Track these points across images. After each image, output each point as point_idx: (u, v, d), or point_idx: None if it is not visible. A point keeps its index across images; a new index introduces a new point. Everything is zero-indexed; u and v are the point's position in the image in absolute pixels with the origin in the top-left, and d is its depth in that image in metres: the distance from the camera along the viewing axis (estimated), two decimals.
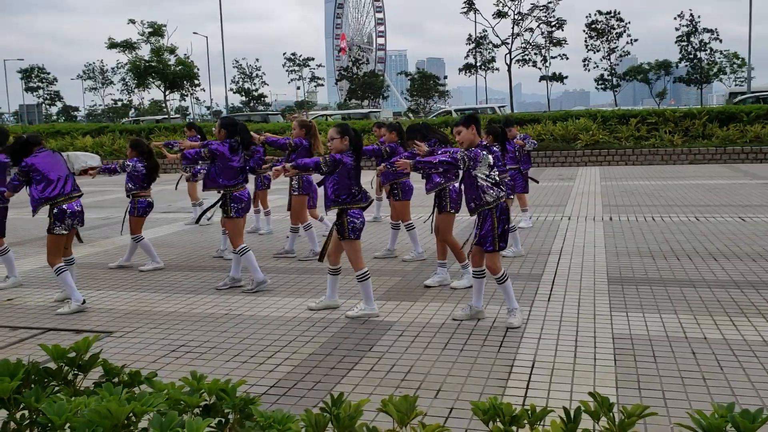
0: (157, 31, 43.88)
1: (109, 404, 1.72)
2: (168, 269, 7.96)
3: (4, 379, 1.98)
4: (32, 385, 2.08)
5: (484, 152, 5.45)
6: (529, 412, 1.79)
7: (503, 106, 38.41)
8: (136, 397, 1.86)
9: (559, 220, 10.79)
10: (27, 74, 68.33)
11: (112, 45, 44.70)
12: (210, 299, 6.50)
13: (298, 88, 78.15)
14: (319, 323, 5.64)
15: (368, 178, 9.61)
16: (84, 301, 6.25)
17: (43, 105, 66.42)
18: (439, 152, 6.23)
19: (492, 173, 5.44)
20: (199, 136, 10.20)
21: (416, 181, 7.93)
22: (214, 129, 7.20)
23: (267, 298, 6.49)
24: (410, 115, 53.90)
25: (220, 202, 6.94)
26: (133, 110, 75.18)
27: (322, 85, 77.92)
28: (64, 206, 6.35)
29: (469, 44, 57.16)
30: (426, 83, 64.55)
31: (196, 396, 2.04)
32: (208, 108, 77.69)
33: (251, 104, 66.67)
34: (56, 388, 2.13)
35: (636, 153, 22.07)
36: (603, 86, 57.44)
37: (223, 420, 2.04)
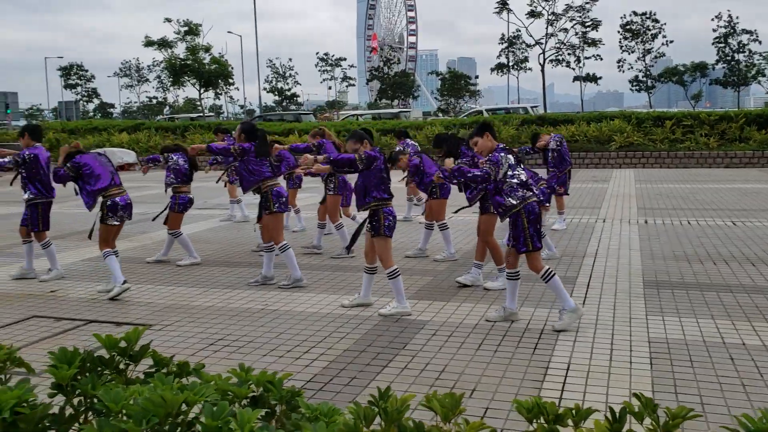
0: (192, 29, 44.46)
1: (163, 393, 1.78)
2: (204, 264, 8.09)
3: (63, 366, 2.06)
4: (87, 373, 2.16)
5: (502, 153, 5.46)
6: (573, 411, 1.81)
7: (536, 107, 38.11)
8: (188, 387, 1.92)
9: (593, 222, 10.71)
10: (66, 72, 69.76)
11: (149, 43, 45.40)
12: (246, 294, 6.60)
13: (330, 87, 78.54)
14: (353, 320, 5.69)
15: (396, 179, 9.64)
16: (125, 282, 6.59)
17: (81, 102, 67.77)
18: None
19: (516, 173, 5.44)
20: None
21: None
22: (233, 132, 7.38)
23: (302, 294, 6.56)
24: (440, 114, 53.84)
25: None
26: (167, 108, 76.23)
27: (354, 85, 78.19)
28: (116, 199, 6.79)
29: (502, 44, 56.88)
30: (457, 83, 64.39)
31: (245, 387, 2.10)
32: (242, 107, 78.51)
33: (284, 103, 67.18)
34: (109, 377, 2.20)
35: (671, 156, 21.76)
36: (637, 88, 56.68)
37: (270, 411, 2.10)
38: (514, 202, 5.41)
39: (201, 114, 50.56)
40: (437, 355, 4.80)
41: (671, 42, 54.90)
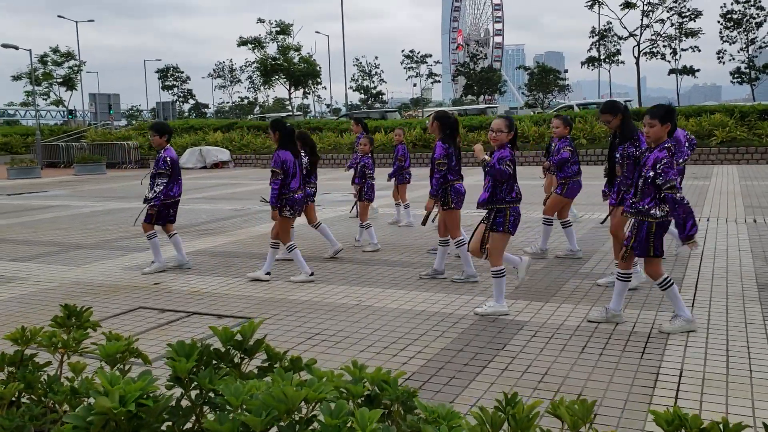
0: (284, 29, 45.45)
1: (285, 389, 1.76)
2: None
3: (181, 359, 2.08)
4: (203, 367, 2.17)
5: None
6: (721, 426, 1.66)
7: (629, 101, 36.75)
8: (306, 384, 1.89)
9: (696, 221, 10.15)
10: (163, 74, 72.93)
11: (242, 43, 46.74)
12: (340, 290, 6.62)
13: (415, 85, 78.54)
14: (448, 318, 5.60)
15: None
16: (312, 273, 7.09)
17: (177, 102, 70.64)
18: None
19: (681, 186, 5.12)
20: (364, 132, 10.31)
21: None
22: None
23: (395, 291, 6.53)
24: (525, 109, 52.75)
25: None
26: (257, 108, 78.36)
27: (439, 81, 77.92)
28: (295, 195, 7.21)
29: (593, 37, 55.15)
30: (545, 77, 62.96)
31: (360, 385, 2.05)
32: (328, 106, 79.71)
33: (369, 101, 67.73)
34: (225, 370, 2.21)
35: None
36: (739, 80, 53.64)
37: (386, 411, 2.04)
38: (659, 214, 5.08)
39: (290, 113, 51.64)
40: (538, 358, 4.64)
41: None
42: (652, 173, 5.00)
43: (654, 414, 1.71)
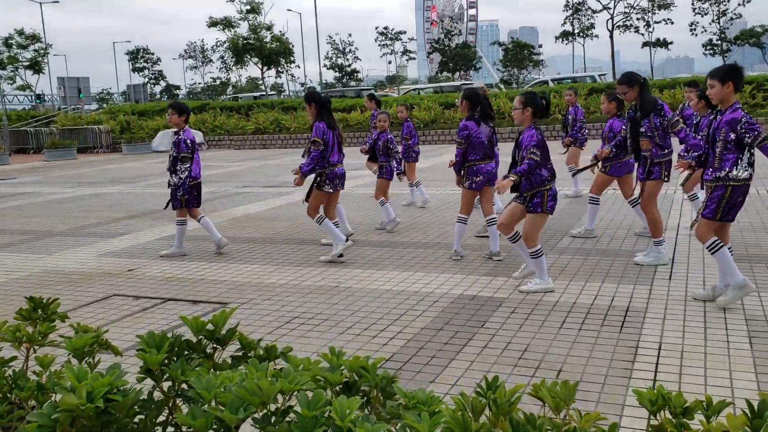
0: (254, 8, 44.75)
1: (260, 382, 1.69)
2: (275, 242, 8.11)
3: (152, 351, 2.00)
4: (175, 358, 2.10)
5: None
6: (705, 404, 1.63)
7: (603, 74, 36.81)
8: (282, 375, 1.83)
9: (672, 193, 10.24)
10: (134, 55, 71.58)
11: (213, 23, 45.98)
12: (318, 272, 6.56)
13: (390, 62, 78.04)
14: (428, 298, 5.57)
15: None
16: (347, 238, 7.15)
17: (148, 84, 69.49)
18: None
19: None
20: (378, 109, 10.15)
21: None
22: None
23: (374, 271, 6.48)
24: (501, 86, 52.74)
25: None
26: (230, 88, 77.36)
27: (414, 58, 77.48)
28: (336, 169, 7.03)
29: (567, 11, 55.12)
30: (520, 53, 62.87)
31: (338, 373, 1.99)
32: (302, 84, 78.95)
33: (343, 80, 67.20)
34: (198, 361, 2.14)
35: None
36: (711, 51, 54.07)
37: (365, 398, 1.99)
38: (742, 176, 4.84)
39: (263, 93, 51.10)
40: (517, 335, 4.63)
41: (748, 1, 52.05)
42: (733, 135, 4.80)
43: (637, 393, 1.68)
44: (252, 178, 15.61)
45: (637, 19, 51.30)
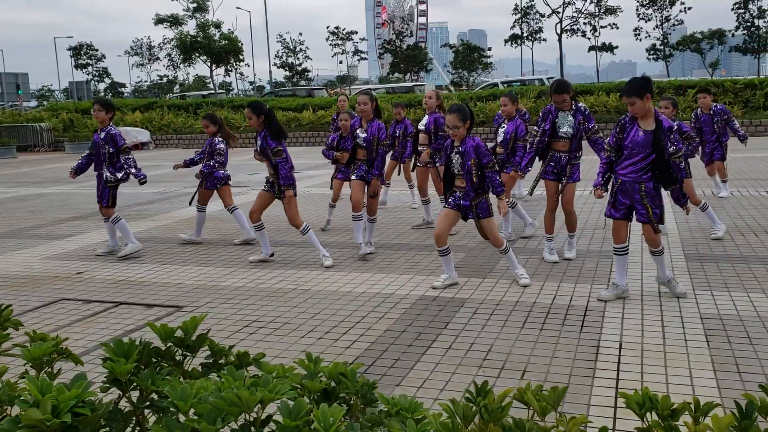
0: (201, 5, 44.00)
1: (240, 391, 1.62)
2: (229, 244, 7.95)
3: (120, 360, 1.90)
4: (143, 367, 2.00)
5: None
6: (692, 405, 1.63)
7: (552, 78, 37.47)
8: (260, 383, 1.75)
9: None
10: (76, 51, 69.49)
11: (159, 20, 45.01)
12: (276, 274, 6.45)
13: (341, 62, 77.84)
14: (389, 299, 5.53)
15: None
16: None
17: (92, 82, 67.56)
18: None
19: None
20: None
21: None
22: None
23: (332, 273, 6.40)
24: (452, 88, 53.20)
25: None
26: (177, 86, 75.88)
27: (365, 59, 77.45)
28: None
29: (516, 14, 55.97)
30: (470, 55, 63.50)
31: (317, 380, 1.93)
32: (251, 83, 78.05)
33: (294, 79, 66.68)
34: (168, 370, 2.04)
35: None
36: (655, 56, 55.69)
37: (345, 406, 1.93)
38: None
39: (212, 91, 50.30)
40: (481, 335, 4.63)
41: (689, 9, 53.81)
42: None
43: (624, 397, 1.66)
44: None
45: (584, 23, 52.44)
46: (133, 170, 7.31)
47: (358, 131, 7.23)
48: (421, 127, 8.60)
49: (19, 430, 1.61)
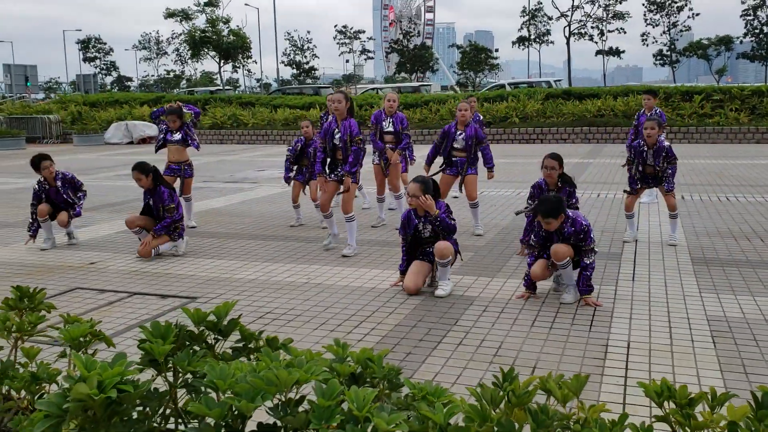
0: (212, 1, 44.09)
1: (278, 371, 1.70)
2: (241, 238, 8.03)
3: (158, 341, 1.98)
4: (179, 351, 2.08)
5: None
6: (709, 395, 1.70)
7: (559, 80, 37.52)
8: (295, 365, 1.83)
9: None
10: (85, 45, 69.66)
11: (170, 14, 45.12)
12: (287, 267, 6.53)
13: (347, 61, 77.86)
14: (399, 295, 5.60)
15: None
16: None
17: (99, 75, 67.71)
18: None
19: None
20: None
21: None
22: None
23: (343, 268, 6.48)
24: (457, 88, 53.22)
25: None
26: (184, 81, 75.99)
27: (372, 58, 77.50)
28: None
29: (524, 16, 55.97)
30: (477, 56, 63.50)
31: (347, 364, 2.01)
32: (258, 80, 78.15)
33: (301, 77, 66.75)
34: (202, 352, 2.12)
35: (699, 131, 21.38)
36: (662, 62, 55.67)
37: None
38: None
39: (220, 87, 50.41)
40: (491, 332, 4.71)
41: (698, 15, 53.75)
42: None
43: (643, 386, 1.74)
44: (210, 173, 15.39)
45: (592, 27, 52.43)
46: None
47: (334, 131, 7.10)
48: (388, 129, 8.79)
49: (68, 404, 1.69)
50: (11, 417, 2.22)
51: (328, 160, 7.17)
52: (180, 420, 2.04)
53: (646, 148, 7.38)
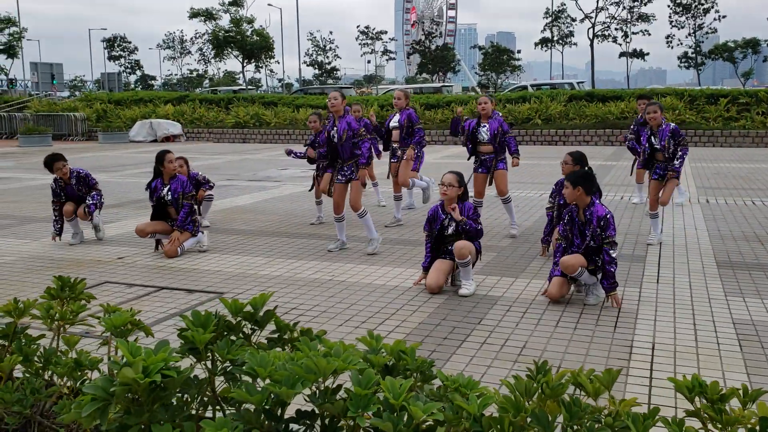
0: (236, 1, 44.43)
1: (318, 360, 1.75)
2: (266, 235, 8.12)
3: (198, 330, 2.04)
4: (218, 340, 2.14)
5: None
6: (741, 391, 1.73)
7: (582, 82, 37.27)
8: (333, 354, 1.88)
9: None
10: (110, 43, 70.52)
11: (194, 14, 45.55)
12: (311, 265, 6.60)
13: (369, 61, 78.01)
14: (423, 294, 5.64)
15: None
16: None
17: (124, 73, 68.47)
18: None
19: None
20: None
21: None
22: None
23: (367, 266, 6.54)
24: (478, 89, 53.11)
25: None
26: (207, 81, 76.61)
27: (395, 58, 77.60)
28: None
29: (546, 18, 55.71)
30: (499, 57, 63.33)
31: (381, 356, 2.06)
32: (280, 80, 78.58)
33: (322, 77, 67.01)
34: (241, 341, 2.18)
35: (725, 134, 21.17)
36: (686, 64, 55.10)
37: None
38: None
39: (242, 87, 50.78)
40: (515, 331, 4.73)
41: (724, 17, 53.12)
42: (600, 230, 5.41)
43: (674, 382, 1.76)
44: (233, 171, 15.55)
45: (616, 29, 52.05)
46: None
47: (332, 131, 7.11)
48: (395, 124, 8.91)
49: (114, 387, 1.76)
50: (54, 401, 2.29)
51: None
52: (218, 407, 2.11)
53: (650, 133, 7.45)
